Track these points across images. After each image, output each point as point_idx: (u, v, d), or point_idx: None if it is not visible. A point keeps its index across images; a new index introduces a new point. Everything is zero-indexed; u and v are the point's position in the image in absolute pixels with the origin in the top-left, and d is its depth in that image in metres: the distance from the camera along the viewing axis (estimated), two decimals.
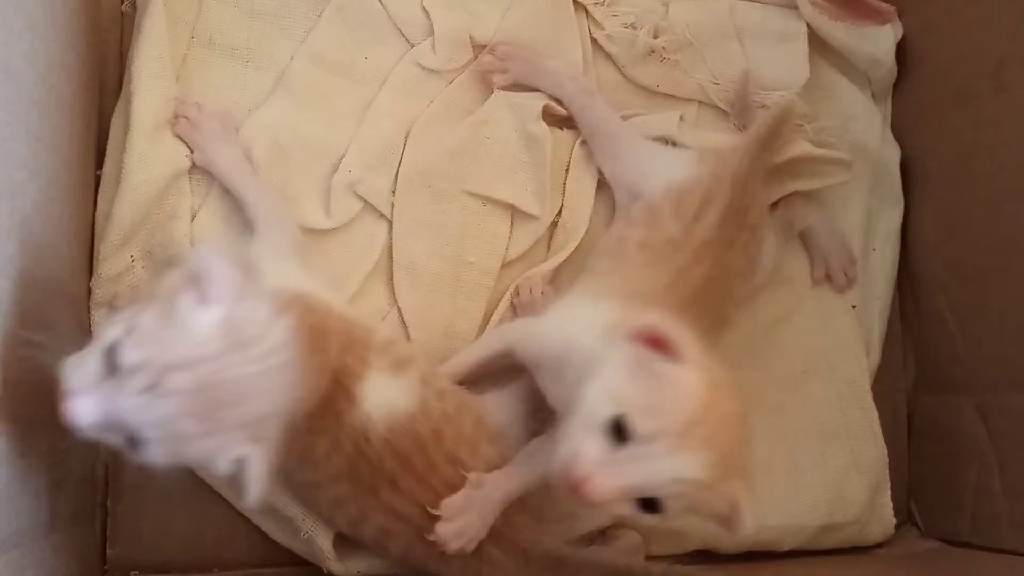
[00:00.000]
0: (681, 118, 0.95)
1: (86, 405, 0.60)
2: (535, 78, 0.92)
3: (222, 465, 0.63)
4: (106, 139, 0.85)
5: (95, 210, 0.84)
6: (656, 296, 0.77)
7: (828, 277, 0.97)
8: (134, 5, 0.88)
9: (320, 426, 0.73)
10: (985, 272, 0.90)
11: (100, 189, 0.84)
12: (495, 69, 0.92)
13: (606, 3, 0.96)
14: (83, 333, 0.81)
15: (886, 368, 0.99)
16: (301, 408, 0.68)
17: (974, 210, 0.92)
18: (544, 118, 0.91)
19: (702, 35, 0.97)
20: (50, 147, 0.72)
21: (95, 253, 0.82)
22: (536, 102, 0.91)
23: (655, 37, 0.95)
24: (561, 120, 0.93)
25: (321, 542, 0.81)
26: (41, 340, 0.69)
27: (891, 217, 1.00)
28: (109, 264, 0.82)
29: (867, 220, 0.99)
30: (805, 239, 0.97)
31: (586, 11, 0.97)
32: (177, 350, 0.60)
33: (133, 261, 0.83)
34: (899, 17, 1.00)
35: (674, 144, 0.92)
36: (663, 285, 0.78)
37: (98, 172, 0.85)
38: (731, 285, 0.83)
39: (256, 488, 0.64)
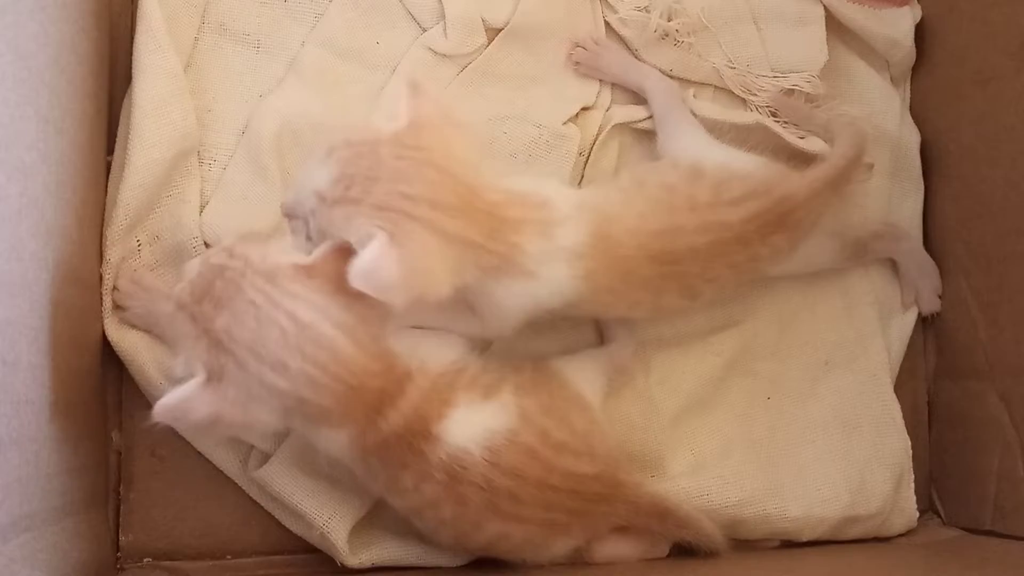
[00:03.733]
0: (694, 95, 0.93)
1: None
2: (625, 73, 0.93)
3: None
4: (117, 125, 0.85)
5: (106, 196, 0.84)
6: (627, 225, 0.76)
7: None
8: None
9: (399, 461, 0.71)
10: (1008, 256, 0.89)
11: (110, 175, 0.84)
12: (589, 64, 0.92)
13: None
14: (96, 319, 0.80)
15: (907, 355, 0.98)
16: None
17: (996, 193, 0.90)
18: None
19: (717, 18, 0.95)
20: (60, 130, 0.71)
21: (103, 239, 0.82)
22: (573, 105, 0.91)
23: (669, 20, 0.94)
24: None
25: (335, 538, 0.80)
26: (52, 324, 0.69)
27: (914, 202, 0.98)
28: (116, 250, 0.81)
29: (888, 206, 0.97)
30: (895, 265, 0.97)
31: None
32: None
33: (139, 245, 0.83)
34: None
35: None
36: (649, 226, 0.77)
37: (109, 158, 0.85)
38: (718, 270, 0.80)
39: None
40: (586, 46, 0.93)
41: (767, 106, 0.95)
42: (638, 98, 0.94)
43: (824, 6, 0.97)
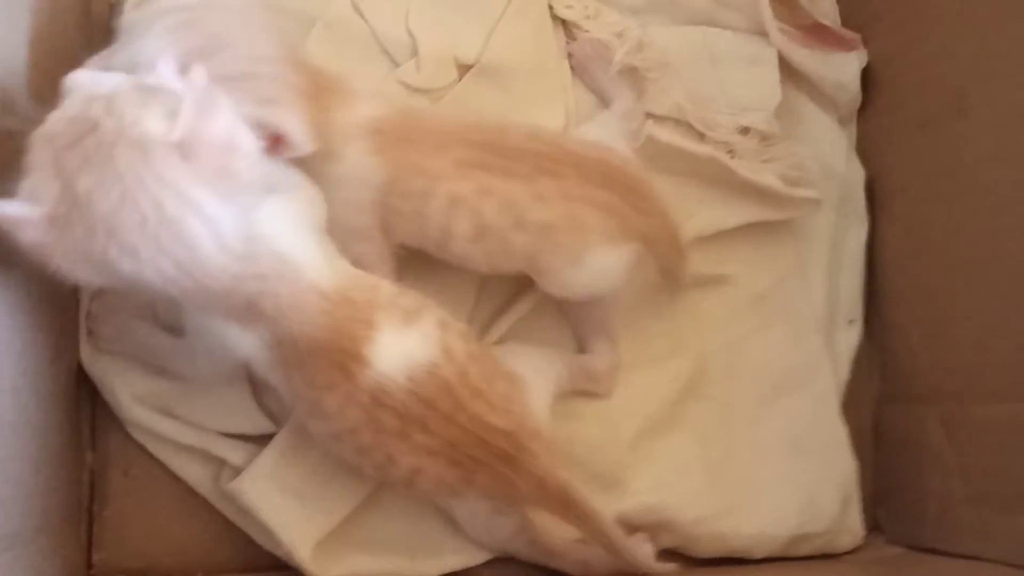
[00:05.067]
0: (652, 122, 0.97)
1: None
2: (607, 83, 0.97)
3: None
4: None
5: None
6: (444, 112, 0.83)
7: None
8: None
9: (325, 382, 0.71)
10: (947, 289, 0.94)
11: None
12: (583, 61, 0.98)
13: (590, 18, 0.99)
14: (73, 341, 0.82)
15: (853, 379, 1.03)
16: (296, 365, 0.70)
17: (936, 229, 0.96)
18: None
19: (676, 57, 1.00)
20: None
21: None
22: None
23: (639, 51, 0.98)
24: None
25: (300, 555, 0.82)
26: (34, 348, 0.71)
27: (857, 235, 1.03)
28: None
29: (834, 239, 1.02)
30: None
31: (565, 28, 1.00)
32: None
33: None
34: (864, 44, 1.04)
35: None
36: (470, 120, 0.82)
37: None
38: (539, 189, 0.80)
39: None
40: (588, 48, 0.97)
41: (724, 142, 1.00)
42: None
43: (776, 49, 1.02)
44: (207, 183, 0.60)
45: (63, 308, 0.80)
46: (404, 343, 0.73)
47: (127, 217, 0.59)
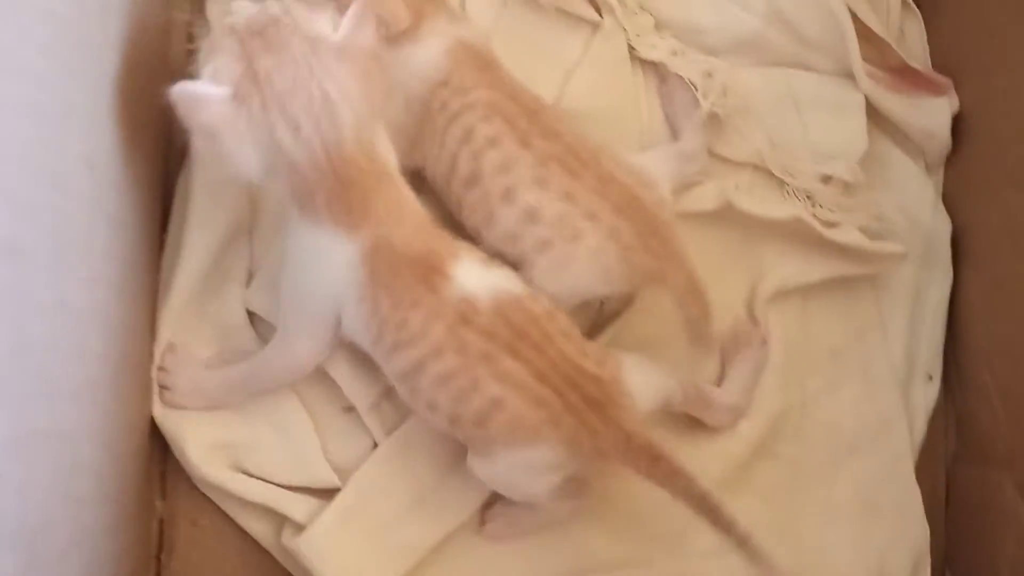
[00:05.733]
0: (736, 186, 0.95)
1: None
2: (684, 119, 0.95)
3: None
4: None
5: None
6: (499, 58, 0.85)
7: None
8: None
9: (411, 299, 0.73)
10: None
11: (164, 253, 0.86)
12: (672, 92, 0.96)
13: (676, 55, 0.96)
14: (147, 399, 0.82)
15: (928, 435, 1.00)
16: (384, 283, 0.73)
17: (1023, 292, 0.92)
18: None
19: (759, 101, 0.97)
20: (125, 224, 0.73)
21: (156, 319, 0.84)
22: None
23: (723, 96, 0.95)
24: None
25: None
26: (113, 424, 0.71)
27: (940, 288, 1.00)
28: (168, 330, 0.84)
29: (916, 292, 0.99)
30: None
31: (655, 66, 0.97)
32: None
33: (187, 319, 0.85)
34: (955, 90, 1.00)
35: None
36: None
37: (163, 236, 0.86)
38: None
39: None
40: (678, 89, 0.95)
41: (804, 190, 0.96)
42: None
43: (864, 94, 0.98)
44: (357, 81, 0.70)
45: (138, 367, 0.80)
46: (488, 273, 0.75)
47: (298, 95, 0.69)
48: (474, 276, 0.74)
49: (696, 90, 0.94)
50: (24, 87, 0.54)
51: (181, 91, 0.67)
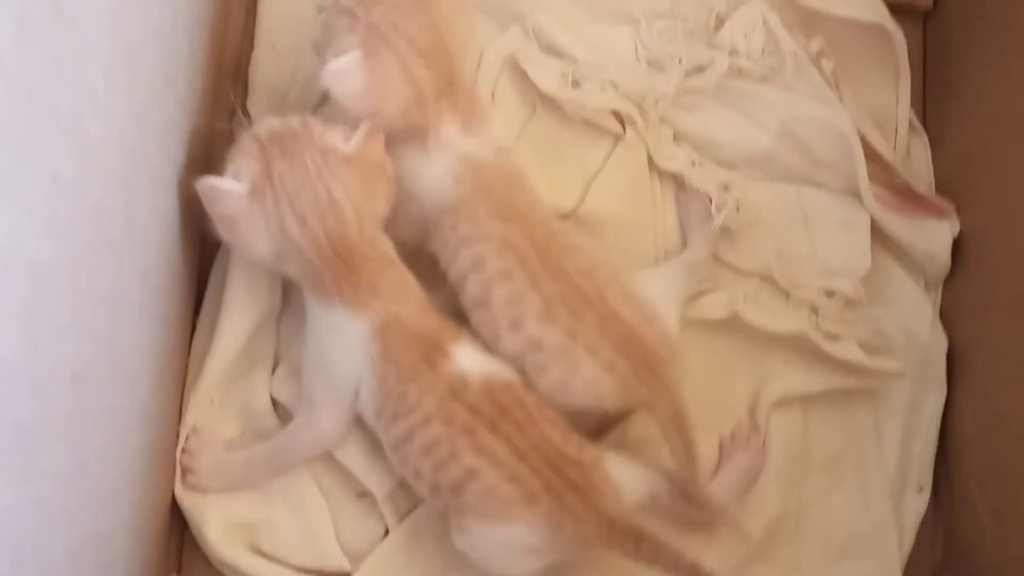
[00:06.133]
0: (744, 298, 0.99)
1: None
2: (696, 229, 1.00)
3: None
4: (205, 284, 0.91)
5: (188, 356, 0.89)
6: (522, 172, 0.89)
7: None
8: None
9: (413, 373, 0.79)
10: (1022, 475, 0.94)
11: (195, 336, 0.89)
12: (686, 201, 1.01)
13: (695, 165, 1.01)
14: (170, 481, 0.86)
15: (916, 542, 1.03)
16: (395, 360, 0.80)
17: (1014, 413, 0.96)
18: None
19: (771, 215, 1.02)
20: (155, 320, 0.76)
21: (184, 402, 0.87)
22: None
23: (737, 210, 0.99)
24: None
25: None
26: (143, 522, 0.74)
27: (935, 402, 1.03)
28: (194, 413, 0.88)
29: (912, 405, 1.03)
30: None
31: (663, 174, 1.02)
32: None
33: (212, 403, 0.89)
34: (957, 213, 1.05)
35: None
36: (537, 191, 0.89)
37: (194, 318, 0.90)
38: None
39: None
40: (695, 201, 1.00)
41: (808, 302, 1.01)
42: None
43: (869, 214, 1.03)
44: (361, 185, 0.79)
45: (165, 449, 0.83)
46: (483, 357, 0.82)
47: (305, 195, 0.77)
48: (471, 357, 0.81)
49: (711, 202, 0.99)
50: (83, 206, 0.58)
51: (206, 185, 0.77)
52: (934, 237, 1.04)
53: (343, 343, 0.81)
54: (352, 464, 0.89)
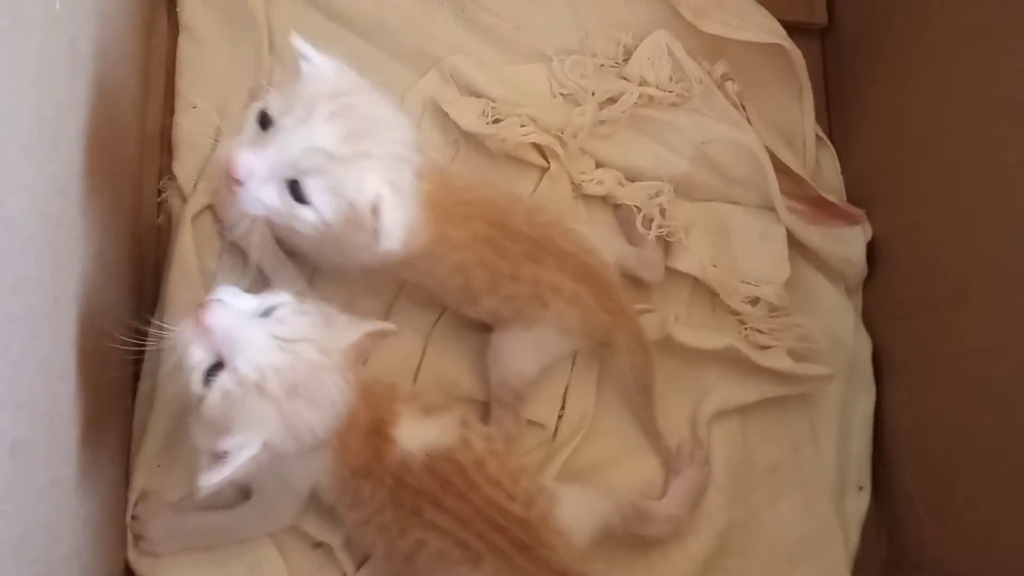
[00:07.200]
0: (675, 318, 1.02)
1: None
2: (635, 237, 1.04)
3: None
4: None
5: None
6: (468, 183, 0.92)
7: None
8: (168, 219, 0.95)
9: (364, 470, 0.81)
10: (951, 469, 0.98)
11: (136, 399, 0.89)
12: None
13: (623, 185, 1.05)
14: (122, 547, 0.85)
15: (862, 541, 1.06)
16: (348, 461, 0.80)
17: (938, 410, 1.00)
18: None
19: (696, 230, 1.05)
20: (95, 387, 0.77)
21: (131, 467, 0.87)
22: None
23: (663, 216, 1.03)
24: None
25: None
26: None
27: (865, 403, 1.08)
28: (142, 477, 0.87)
29: (844, 407, 1.07)
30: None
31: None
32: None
33: (159, 467, 0.89)
34: (869, 219, 1.09)
35: None
36: (489, 193, 0.92)
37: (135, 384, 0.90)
38: (523, 275, 0.89)
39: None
40: (628, 216, 1.04)
41: (734, 310, 1.04)
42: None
43: (785, 226, 1.07)
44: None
45: (114, 515, 0.83)
46: (422, 429, 0.83)
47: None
48: (412, 433, 0.82)
49: (640, 212, 1.03)
50: (7, 280, 0.58)
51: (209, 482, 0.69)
52: (849, 243, 1.08)
53: (300, 463, 0.80)
54: (306, 524, 0.90)
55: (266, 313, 0.72)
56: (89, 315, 0.72)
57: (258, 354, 0.69)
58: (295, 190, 0.73)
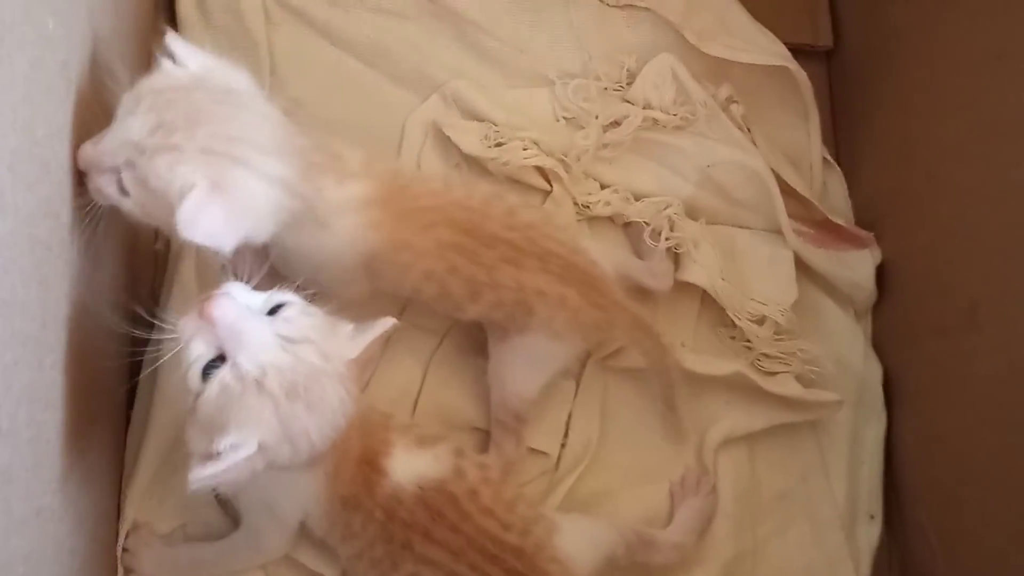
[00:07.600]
0: (682, 344, 1.01)
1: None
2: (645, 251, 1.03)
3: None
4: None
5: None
6: (430, 188, 0.88)
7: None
8: (167, 244, 0.93)
9: (354, 503, 0.80)
10: (964, 497, 0.96)
11: (130, 428, 0.88)
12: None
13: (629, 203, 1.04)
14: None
15: (874, 569, 1.03)
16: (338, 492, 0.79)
17: (951, 435, 0.98)
18: None
19: (706, 240, 1.04)
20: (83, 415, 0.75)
21: (123, 497, 0.85)
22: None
23: (672, 230, 1.02)
24: None
25: None
26: None
27: (876, 430, 1.05)
28: (134, 508, 0.85)
29: (853, 434, 1.04)
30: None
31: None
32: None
33: (151, 497, 0.87)
34: (878, 242, 1.08)
35: None
36: (454, 195, 0.88)
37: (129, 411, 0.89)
38: (502, 280, 0.87)
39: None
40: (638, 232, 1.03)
41: (743, 335, 1.02)
42: None
43: (792, 250, 1.05)
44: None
45: (104, 546, 0.81)
46: (415, 460, 0.82)
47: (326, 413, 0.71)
48: (404, 464, 0.81)
49: (648, 226, 1.02)
50: None
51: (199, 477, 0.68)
52: (857, 267, 1.06)
53: (291, 486, 0.80)
54: (302, 555, 0.89)
55: (272, 311, 0.70)
56: (79, 340, 0.71)
57: (261, 351, 0.67)
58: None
